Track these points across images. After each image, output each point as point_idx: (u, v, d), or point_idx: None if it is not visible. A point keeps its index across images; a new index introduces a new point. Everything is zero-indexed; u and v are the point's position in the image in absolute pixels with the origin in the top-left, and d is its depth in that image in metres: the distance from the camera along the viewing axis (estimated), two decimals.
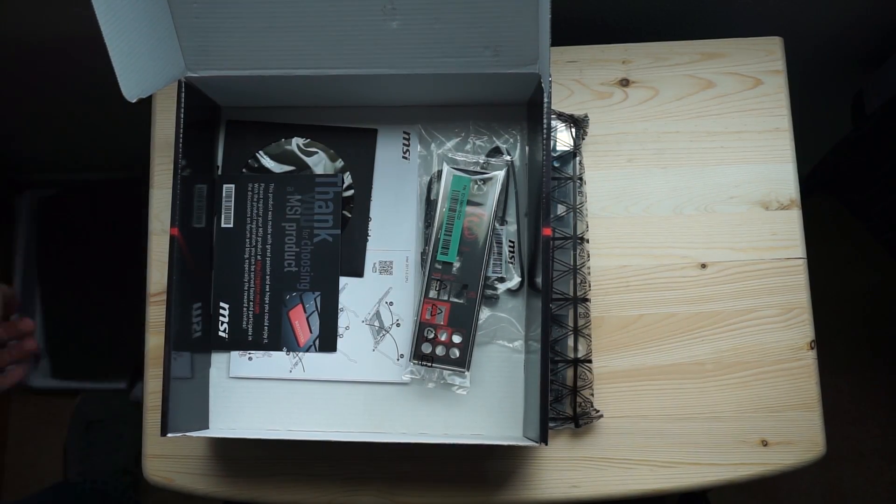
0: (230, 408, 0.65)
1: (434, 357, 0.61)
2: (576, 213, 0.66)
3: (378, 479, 0.65)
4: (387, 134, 0.67)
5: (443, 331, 0.60)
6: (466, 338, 0.61)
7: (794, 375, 0.65)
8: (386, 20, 0.55)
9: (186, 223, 0.61)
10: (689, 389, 0.65)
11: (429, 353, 0.61)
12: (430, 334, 0.61)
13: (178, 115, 0.59)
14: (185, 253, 0.60)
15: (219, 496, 0.66)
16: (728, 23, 0.79)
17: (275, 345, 0.65)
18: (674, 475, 0.64)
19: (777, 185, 0.68)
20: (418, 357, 0.62)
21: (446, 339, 0.61)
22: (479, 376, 0.64)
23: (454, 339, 0.61)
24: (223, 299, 0.66)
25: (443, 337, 0.61)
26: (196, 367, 0.63)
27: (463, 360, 0.61)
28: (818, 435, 0.64)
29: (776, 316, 0.66)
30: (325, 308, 0.66)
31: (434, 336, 0.61)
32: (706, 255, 0.67)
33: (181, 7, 0.56)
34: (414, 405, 0.64)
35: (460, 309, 0.61)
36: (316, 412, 0.65)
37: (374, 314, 0.66)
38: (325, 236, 0.66)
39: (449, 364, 0.61)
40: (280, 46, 0.58)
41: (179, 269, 0.59)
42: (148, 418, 0.66)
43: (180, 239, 0.59)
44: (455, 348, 0.61)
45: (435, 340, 0.61)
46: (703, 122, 0.69)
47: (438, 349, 0.61)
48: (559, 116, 0.68)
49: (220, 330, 0.66)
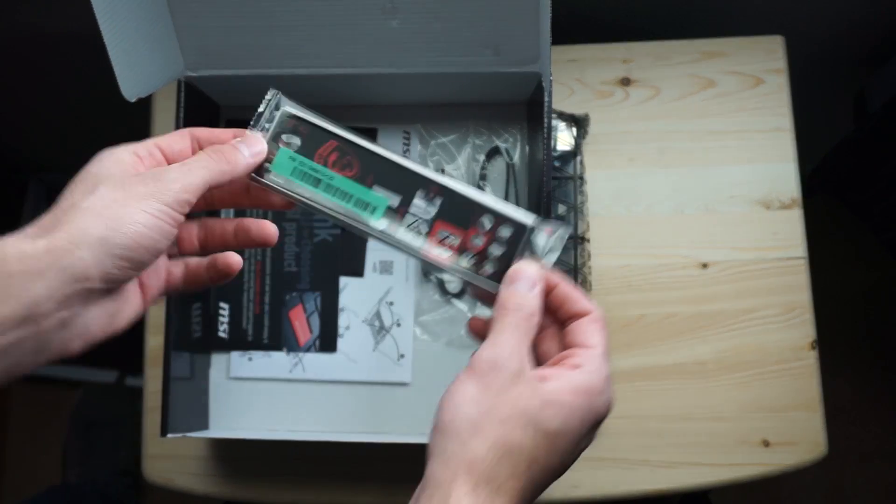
0: (230, 408, 0.65)
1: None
2: (577, 213, 0.66)
3: (378, 479, 0.65)
4: (387, 133, 0.67)
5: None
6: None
7: (796, 375, 0.65)
8: (386, 19, 0.55)
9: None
10: (690, 389, 0.65)
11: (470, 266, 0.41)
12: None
13: (178, 115, 0.59)
14: None
15: (219, 496, 0.66)
16: (729, 22, 0.79)
17: (275, 345, 0.65)
18: (675, 475, 0.64)
19: (778, 185, 0.68)
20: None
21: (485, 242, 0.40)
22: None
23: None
24: (223, 299, 0.66)
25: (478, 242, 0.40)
26: (196, 367, 0.63)
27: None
28: (819, 435, 0.64)
29: (777, 316, 0.66)
30: (325, 308, 0.65)
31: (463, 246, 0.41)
32: (707, 255, 0.67)
33: (181, 7, 0.55)
34: (414, 405, 0.64)
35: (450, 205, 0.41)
36: (316, 412, 0.64)
37: (375, 314, 0.66)
38: (325, 236, 0.66)
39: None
40: (280, 46, 0.58)
41: None
42: (148, 418, 0.66)
43: None
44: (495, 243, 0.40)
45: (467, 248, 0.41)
46: (704, 122, 0.69)
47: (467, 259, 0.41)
48: (560, 116, 0.68)
49: (220, 330, 0.65)
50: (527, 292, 0.37)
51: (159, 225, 0.34)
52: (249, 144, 0.39)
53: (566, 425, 0.34)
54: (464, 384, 0.34)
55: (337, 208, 0.40)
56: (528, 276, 0.38)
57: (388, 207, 0.40)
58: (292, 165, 0.40)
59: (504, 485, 0.33)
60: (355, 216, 0.40)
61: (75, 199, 0.34)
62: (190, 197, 0.35)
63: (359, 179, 0.40)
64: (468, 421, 0.33)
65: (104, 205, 0.33)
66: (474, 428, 0.33)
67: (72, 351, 0.34)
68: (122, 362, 1.27)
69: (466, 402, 0.34)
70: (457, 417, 0.33)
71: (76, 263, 0.32)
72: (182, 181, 0.35)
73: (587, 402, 0.34)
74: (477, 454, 0.32)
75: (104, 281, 0.33)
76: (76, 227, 0.32)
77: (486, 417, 0.33)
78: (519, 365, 0.34)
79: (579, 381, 0.35)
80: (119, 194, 0.34)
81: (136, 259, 0.34)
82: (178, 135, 0.39)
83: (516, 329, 0.36)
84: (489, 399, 0.33)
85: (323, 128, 0.41)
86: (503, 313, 0.37)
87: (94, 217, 0.33)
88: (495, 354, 0.34)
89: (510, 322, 0.36)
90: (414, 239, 0.40)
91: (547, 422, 0.33)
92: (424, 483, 0.34)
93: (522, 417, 0.33)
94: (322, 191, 0.40)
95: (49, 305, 0.32)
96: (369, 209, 0.40)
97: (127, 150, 0.36)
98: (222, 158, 0.37)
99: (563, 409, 0.34)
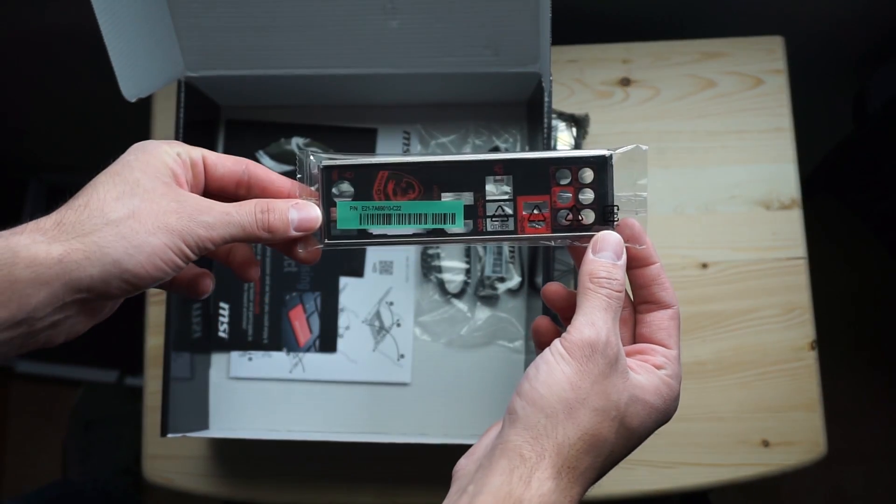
0: (230, 408, 0.65)
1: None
2: None
3: (378, 479, 0.65)
4: (387, 134, 0.67)
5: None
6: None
7: (795, 375, 0.65)
8: (386, 19, 0.55)
9: None
10: (690, 390, 0.65)
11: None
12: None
13: (178, 115, 0.59)
14: None
15: (219, 496, 0.66)
16: (729, 22, 0.79)
17: (275, 345, 0.65)
18: (675, 475, 0.64)
19: (778, 185, 0.68)
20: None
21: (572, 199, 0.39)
22: (479, 376, 0.64)
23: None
24: (223, 299, 0.66)
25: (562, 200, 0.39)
26: (196, 367, 0.63)
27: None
28: (819, 435, 0.64)
29: (777, 316, 0.66)
30: (325, 308, 0.65)
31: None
32: (707, 255, 0.67)
33: (181, 7, 0.55)
34: (414, 405, 0.64)
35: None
36: (316, 412, 0.65)
37: (375, 314, 0.66)
38: None
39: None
40: (280, 46, 0.58)
41: None
42: (148, 418, 0.66)
43: None
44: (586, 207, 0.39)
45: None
46: (704, 122, 0.69)
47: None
48: (560, 116, 0.68)
49: (220, 330, 0.65)
50: (615, 261, 0.37)
51: (175, 261, 0.34)
52: (301, 211, 0.37)
53: (643, 425, 0.35)
54: (562, 364, 0.34)
55: (419, 233, 0.39)
56: (613, 245, 0.37)
57: (466, 207, 0.39)
58: (357, 214, 0.38)
59: (584, 473, 0.34)
60: (438, 232, 0.39)
61: (106, 202, 0.33)
62: (212, 246, 0.35)
63: (425, 196, 0.39)
64: (564, 402, 0.33)
65: (131, 227, 0.33)
66: (569, 411, 0.33)
67: (54, 344, 0.35)
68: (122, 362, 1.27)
69: (564, 382, 0.34)
70: (552, 395, 0.34)
71: (83, 279, 0.32)
72: (215, 231, 0.35)
73: (664, 406, 0.36)
74: (567, 439, 0.33)
75: (103, 296, 0.33)
76: (96, 243, 0.32)
77: (582, 405, 0.33)
78: (616, 351, 0.35)
79: (662, 384, 0.36)
80: (149, 220, 0.33)
81: (140, 285, 0.34)
82: (231, 159, 0.38)
83: (609, 307, 0.35)
84: (587, 385, 0.34)
85: (368, 164, 0.38)
86: (596, 285, 0.36)
87: (116, 237, 0.32)
88: (595, 337, 0.34)
89: (603, 298, 0.35)
90: (504, 226, 0.39)
91: (630, 418, 0.35)
92: (503, 449, 0.34)
93: (613, 411, 0.34)
94: (396, 224, 0.39)
95: (46, 311, 0.32)
96: (448, 219, 0.39)
97: (172, 153, 0.36)
98: (265, 224, 0.36)
99: (645, 409, 0.35)
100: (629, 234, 0.38)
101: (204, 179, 0.38)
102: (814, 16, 0.79)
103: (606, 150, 0.38)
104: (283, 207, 0.37)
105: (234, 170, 0.38)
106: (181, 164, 0.36)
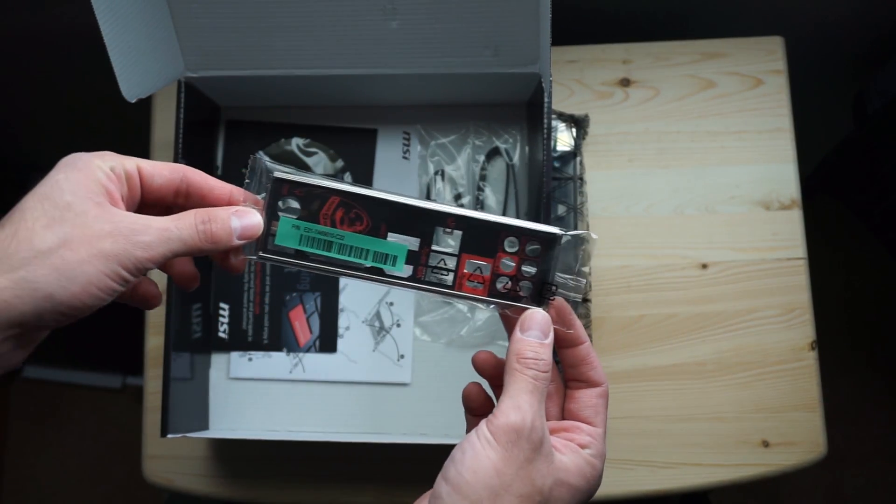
0: (230, 408, 0.65)
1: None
2: (576, 214, 0.66)
3: (378, 479, 0.65)
4: (387, 134, 0.67)
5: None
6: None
7: (796, 376, 0.65)
8: (386, 20, 0.55)
9: None
10: (690, 390, 0.65)
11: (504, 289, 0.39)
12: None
13: (178, 116, 0.59)
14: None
15: (219, 496, 0.66)
16: (729, 23, 0.79)
17: (275, 345, 0.65)
18: (675, 476, 0.64)
19: (778, 185, 0.68)
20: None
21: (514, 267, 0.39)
22: (479, 376, 0.64)
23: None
24: (223, 300, 0.66)
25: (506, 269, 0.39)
26: (196, 367, 0.63)
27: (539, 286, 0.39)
28: (819, 435, 0.64)
29: (777, 316, 0.66)
30: (325, 308, 0.65)
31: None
32: (707, 256, 0.67)
33: (181, 7, 0.55)
34: (414, 405, 0.64)
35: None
36: (316, 413, 0.65)
37: (375, 314, 0.66)
38: None
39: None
40: (280, 46, 0.58)
41: None
42: (148, 419, 0.66)
43: None
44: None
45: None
46: (703, 122, 0.69)
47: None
48: (560, 116, 0.68)
49: (220, 330, 0.65)
50: (542, 341, 0.37)
51: (113, 287, 0.32)
52: (242, 219, 0.36)
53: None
54: (487, 449, 0.34)
55: (356, 267, 0.38)
56: (541, 325, 0.37)
57: (409, 252, 0.38)
58: (298, 234, 0.37)
59: None
60: (376, 271, 0.38)
61: (34, 232, 0.31)
62: (153, 266, 0.34)
63: (371, 232, 0.37)
64: (489, 489, 0.33)
65: (62, 257, 0.31)
66: (494, 498, 0.33)
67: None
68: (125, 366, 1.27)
69: (490, 469, 0.34)
70: (477, 482, 0.34)
71: (14, 317, 0.31)
72: (155, 251, 0.33)
73: (587, 487, 0.36)
74: None
75: (38, 329, 0.33)
76: (25, 279, 0.30)
77: (507, 491, 0.34)
78: (541, 436, 0.35)
79: (586, 464, 0.36)
80: (82, 247, 0.31)
81: (77, 315, 0.32)
82: (168, 167, 0.37)
83: (535, 389, 0.35)
84: (511, 471, 0.34)
85: (321, 185, 0.37)
86: (523, 366, 0.36)
87: (48, 270, 0.31)
88: (521, 423, 0.34)
89: (529, 380, 0.36)
90: (442, 280, 0.38)
91: (554, 502, 0.35)
92: None
93: (537, 496, 0.34)
94: (336, 253, 0.37)
95: None
96: (389, 260, 0.38)
97: (104, 167, 0.34)
98: (207, 236, 0.35)
99: (569, 492, 0.36)
100: (557, 316, 0.38)
101: (140, 192, 0.36)
102: (814, 16, 0.79)
103: (560, 230, 0.38)
104: (224, 216, 0.35)
105: (172, 178, 0.37)
106: (114, 180, 0.34)
